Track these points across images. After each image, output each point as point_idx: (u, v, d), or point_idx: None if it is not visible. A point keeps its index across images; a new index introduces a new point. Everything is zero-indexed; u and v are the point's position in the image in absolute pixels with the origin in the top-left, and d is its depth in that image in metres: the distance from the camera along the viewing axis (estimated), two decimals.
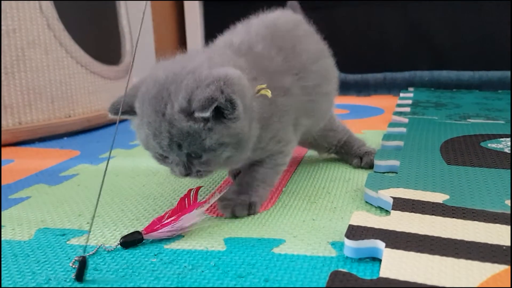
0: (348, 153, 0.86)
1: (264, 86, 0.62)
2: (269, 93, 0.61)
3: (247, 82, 0.59)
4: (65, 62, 1.25)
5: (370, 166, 0.82)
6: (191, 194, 0.62)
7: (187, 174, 0.60)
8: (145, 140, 0.60)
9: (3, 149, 1.12)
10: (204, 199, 0.64)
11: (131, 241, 0.56)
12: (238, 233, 0.58)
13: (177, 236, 0.58)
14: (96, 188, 0.79)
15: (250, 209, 0.64)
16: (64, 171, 0.90)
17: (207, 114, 0.55)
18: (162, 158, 0.61)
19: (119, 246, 0.56)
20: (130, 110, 0.61)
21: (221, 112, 0.56)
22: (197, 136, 0.56)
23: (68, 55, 1.25)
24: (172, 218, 0.58)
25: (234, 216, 0.63)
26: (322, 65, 0.78)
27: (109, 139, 1.20)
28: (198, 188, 0.64)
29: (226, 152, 0.58)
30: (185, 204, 0.60)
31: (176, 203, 0.61)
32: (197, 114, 0.55)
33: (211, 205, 0.65)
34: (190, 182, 0.78)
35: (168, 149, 0.58)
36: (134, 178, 0.83)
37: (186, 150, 0.57)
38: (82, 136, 1.25)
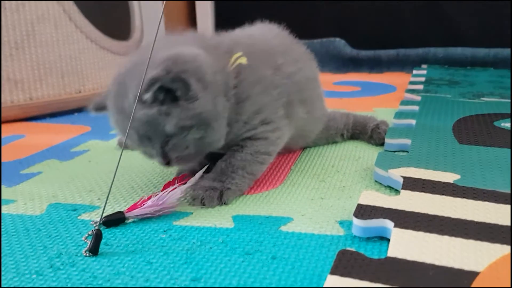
0: (363, 132, 0.85)
1: (239, 54, 0.60)
2: (244, 60, 0.59)
3: (206, 59, 0.57)
4: (74, 37, 1.25)
5: (381, 141, 0.82)
6: (175, 182, 0.62)
7: (167, 163, 0.58)
8: (120, 138, 0.60)
9: (14, 124, 1.13)
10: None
11: (114, 220, 0.55)
12: (246, 210, 0.59)
13: (186, 212, 0.58)
14: (107, 164, 0.79)
15: (221, 198, 0.60)
16: (75, 147, 0.91)
17: (148, 95, 0.53)
18: (145, 153, 0.60)
19: (101, 224, 0.55)
20: (105, 107, 0.62)
21: (176, 95, 0.54)
22: (156, 123, 0.55)
23: (78, 30, 1.25)
24: (155, 197, 0.57)
25: (204, 206, 0.60)
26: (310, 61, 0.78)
27: None
28: (182, 176, 0.64)
29: (191, 135, 0.56)
30: (169, 187, 0.60)
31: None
32: (143, 97, 0.53)
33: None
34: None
35: (141, 144, 0.58)
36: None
37: (155, 141, 0.56)
38: None
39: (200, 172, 0.62)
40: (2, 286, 0.35)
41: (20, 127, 1.10)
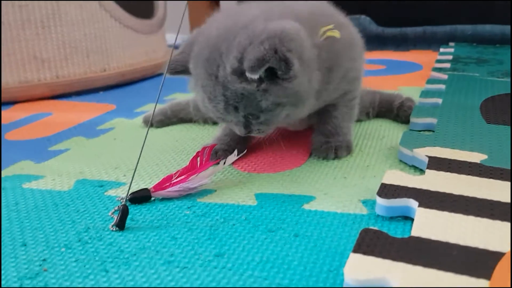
0: (389, 110, 0.84)
1: (331, 26, 0.58)
2: (337, 34, 0.58)
3: (305, 34, 0.55)
4: (99, 16, 1.26)
5: (407, 118, 0.81)
6: (204, 152, 0.60)
7: (248, 132, 0.59)
8: (202, 102, 0.59)
9: (41, 102, 1.15)
10: (217, 159, 0.63)
11: (140, 197, 0.56)
12: (269, 189, 0.59)
13: (209, 190, 0.59)
14: (132, 142, 0.80)
15: (348, 149, 0.67)
16: (100, 125, 0.92)
17: (256, 76, 0.52)
18: (222, 118, 0.60)
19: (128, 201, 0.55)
20: (185, 70, 0.60)
21: (276, 72, 0.53)
22: (252, 97, 0.54)
23: (102, 8, 1.26)
24: (182, 177, 0.58)
25: (335, 157, 0.66)
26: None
27: (144, 93, 1.21)
28: (212, 146, 0.63)
29: (285, 111, 0.57)
30: (196, 163, 0.59)
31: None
32: (247, 75, 0.53)
33: (238, 158, 0.63)
34: None
35: (225, 112, 0.57)
36: (168, 133, 0.84)
37: (242, 112, 0.56)
38: (117, 90, 1.27)
39: (233, 157, 0.61)
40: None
41: (48, 105, 1.12)
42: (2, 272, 0.43)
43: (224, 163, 0.61)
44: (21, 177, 0.66)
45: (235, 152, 0.62)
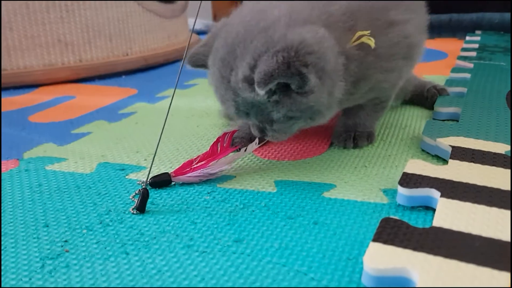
0: (421, 95, 0.84)
1: (366, 33, 0.53)
2: (372, 43, 0.53)
3: (330, 43, 0.51)
4: (122, 0, 1.26)
5: (433, 98, 0.81)
6: (225, 138, 0.60)
7: (262, 136, 0.57)
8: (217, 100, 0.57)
9: (65, 86, 1.16)
10: (237, 145, 0.63)
11: (160, 181, 0.56)
12: (289, 176, 0.59)
13: (229, 176, 0.59)
14: (153, 126, 0.81)
15: (369, 139, 0.66)
16: (122, 109, 0.93)
17: (263, 91, 0.48)
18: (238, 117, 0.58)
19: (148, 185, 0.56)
20: (206, 64, 0.57)
21: (289, 84, 0.49)
22: (263, 107, 0.52)
23: None
24: (202, 163, 0.58)
25: (356, 146, 0.66)
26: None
27: (165, 78, 1.22)
28: (233, 132, 0.63)
29: (299, 124, 0.54)
30: (217, 149, 0.59)
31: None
32: (256, 89, 0.49)
33: (260, 146, 0.63)
34: None
35: (237, 116, 0.55)
36: (189, 119, 0.85)
37: (254, 119, 0.54)
38: (139, 74, 1.27)
39: (254, 145, 0.61)
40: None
41: (71, 89, 1.13)
42: (25, 252, 0.44)
43: (245, 150, 0.60)
44: (44, 159, 0.67)
45: (257, 140, 0.61)
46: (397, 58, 0.60)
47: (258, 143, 0.61)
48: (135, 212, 0.51)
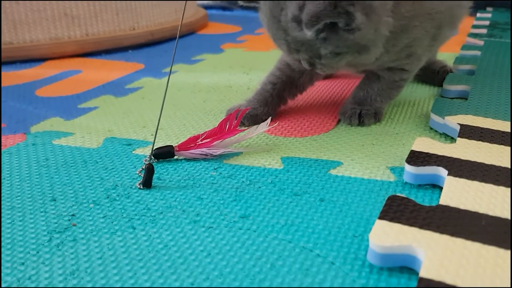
0: (431, 71, 0.82)
1: None
2: None
3: None
4: None
5: (443, 75, 0.80)
6: (236, 116, 0.59)
7: (312, 68, 0.59)
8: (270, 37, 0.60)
9: (71, 60, 1.16)
10: (245, 127, 0.62)
11: (162, 153, 0.56)
12: (296, 153, 0.59)
13: (236, 152, 0.59)
14: (160, 101, 0.80)
15: (376, 117, 0.66)
16: (129, 84, 0.92)
17: (310, 32, 0.51)
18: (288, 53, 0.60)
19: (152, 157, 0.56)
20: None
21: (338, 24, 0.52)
22: (312, 43, 0.55)
23: None
24: (207, 140, 0.57)
25: (361, 124, 0.65)
26: None
27: (172, 53, 1.21)
28: (244, 111, 0.62)
29: (346, 58, 0.56)
30: (225, 127, 0.59)
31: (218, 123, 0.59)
32: (304, 30, 0.52)
33: (271, 127, 0.62)
34: None
35: (289, 53, 0.58)
36: (196, 94, 0.84)
37: (305, 55, 0.57)
38: (146, 49, 1.27)
39: (264, 125, 0.60)
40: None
41: (78, 63, 1.13)
42: (32, 225, 0.44)
43: (256, 130, 0.60)
44: (51, 133, 0.67)
45: (268, 120, 0.60)
46: (440, 21, 0.63)
47: (268, 123, 0.60)
48: (141, 187, 0.51)
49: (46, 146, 0.62)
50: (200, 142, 0.58)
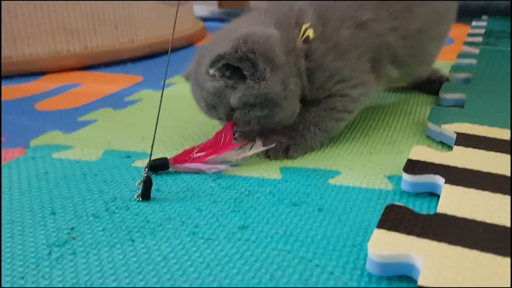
0: (427, 80, 0.82)
1: (306, 25, 0.59)
2: (311, 33, 0.59)
3: (279, 40, 0.57)
4: None
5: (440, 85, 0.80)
6: (231, 127, 0.59)
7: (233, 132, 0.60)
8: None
9: (71, 73, 1.16)
10: (240, 142, 0.61)
11: (156, 165, 0.57)
12: (294, 163, 0.59)
13: (234, 162, 0.59)
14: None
15: (286, 152, 0.59)
16: (128, 96, 0.93)
17: (212, 70, 0.55)
18: (211, 118, 0.63)
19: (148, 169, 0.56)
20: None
21: (243, 73, 0.56)
22: (223, 95, 0.57)
23: None
24: (202, 154, 0.57)
25: (269, 158, 0.60)
26: (435, 7, 0.70)
27: (171, 65, 1.21)
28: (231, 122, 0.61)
29: (255, 112, 0.57)
30: (220, 139, 0.58)
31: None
32: (209, 71, 0.56)
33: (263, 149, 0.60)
34: None
35: (208, 111, 0.61)
36: (194, 105, 0.84)
37: (220, 111, 0.59)
38: (144, 62, 1.27)
39: (258, 147, 0.59)
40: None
41: (77, 76, 1.14)
42: (32, 239, 0.45)
43: (248, 150, 0.59)
44: (50, 147, 0.67)
45: (260, 143, 0.60)
46: (365, 46, 0.63)
47: (262, 145, 0.60)
48: (140, 199, 0.51)
49: (46, 160, 0.63)
50: (194, 156, 0.57)
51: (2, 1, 1.11)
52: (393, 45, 0.65)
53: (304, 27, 0.60)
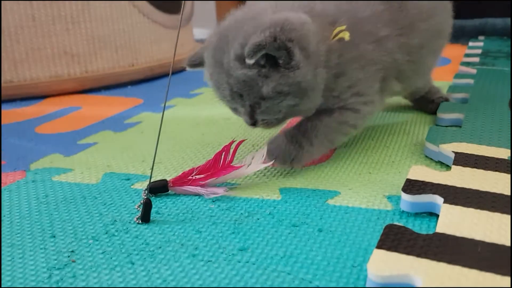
0: (426, 99, 0.84)
1: (343, 27, 0.58)
2: (347, 35, 0.57)
3: (313, 28, 0.56)
4: (127, 11, 1.27)
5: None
6: (231, 148, 0.58)
7: (253, 123, 0.59)
8: (214, 91, 0.60)
9: (71, 97, 1.17)
10: (239, 164, 0.58)
11: (156, 188, 0.57)
12: (293, 183, 0.59)
13: (234, 183, 0.59)
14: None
15: (293, 162, 0.60)
16: (128, 119, 0.93)
17: (252, 61, 0.53)
18: (233, 109, 0.61)
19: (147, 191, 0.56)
20: (202, 62, 0.62)
21: (278, 61, 0.54)
22: (254, 83, 0.55)
23: (131, 4, 1.27)
24: (201, 176, 0.57)
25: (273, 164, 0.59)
26: (434, 23, 0.71)
27: (171, 88, 1.22)
28: (240, 142, 0.61)
29: (287, 101, 0.56)
30: (219, 160, 0.58)
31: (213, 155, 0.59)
32: (246, 61, 0.53)
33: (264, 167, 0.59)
34: (249, 133, 0.79)
35: (231, 99, 0.58)
36: (194, 127, 0.85)
37: (247, 100, 0.57)
38: (145, 84, 1.28)
39: (258, 164, 0.58)
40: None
41: (77, 99, 1.14)
42: (32, 262, 0.44)
43: (247, 168, 0.58)
44: (50, 170, 0.67)
45: (261, 158, 0.59)
46: (380, 64, 0.64)
47: (263, 162, 0.58)
48: (139, 222, 0.51)
49: (46, 183, 0.63)
50: (194, 177, 0.57)
51: (3, 26, 1.12)
52: (399, 62, 0.66)
53: (339, 28, 0.58)
